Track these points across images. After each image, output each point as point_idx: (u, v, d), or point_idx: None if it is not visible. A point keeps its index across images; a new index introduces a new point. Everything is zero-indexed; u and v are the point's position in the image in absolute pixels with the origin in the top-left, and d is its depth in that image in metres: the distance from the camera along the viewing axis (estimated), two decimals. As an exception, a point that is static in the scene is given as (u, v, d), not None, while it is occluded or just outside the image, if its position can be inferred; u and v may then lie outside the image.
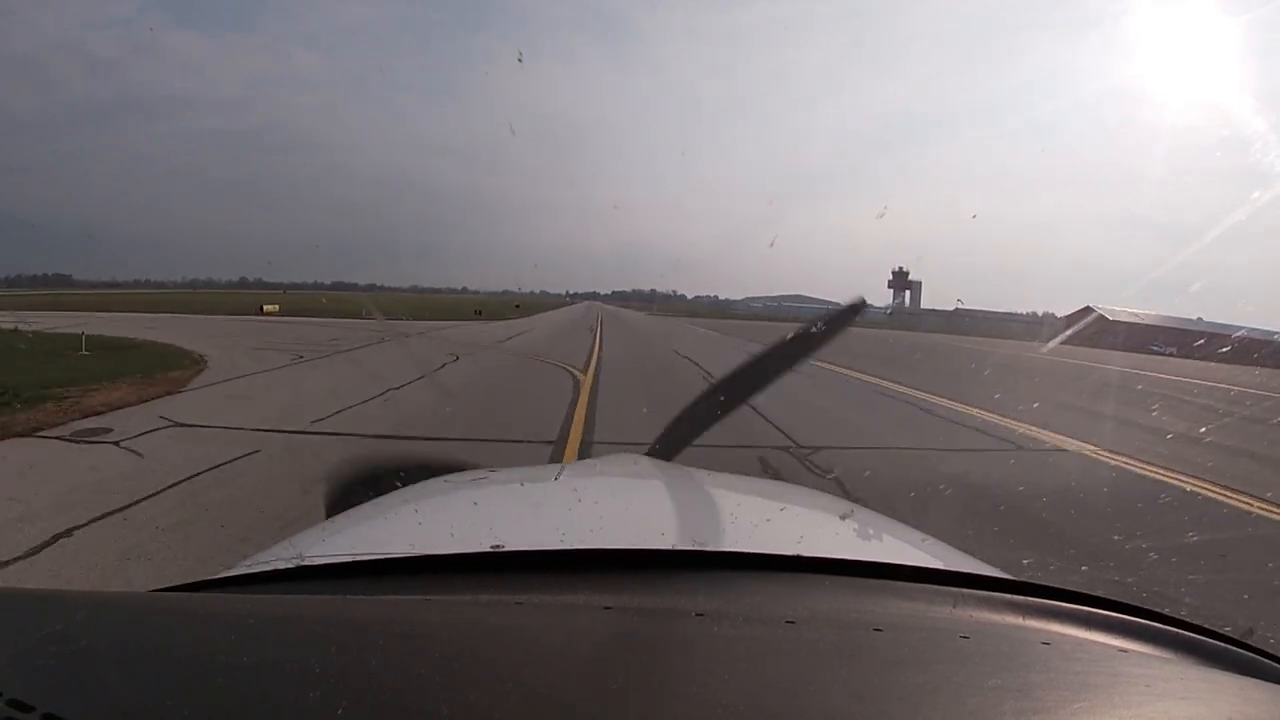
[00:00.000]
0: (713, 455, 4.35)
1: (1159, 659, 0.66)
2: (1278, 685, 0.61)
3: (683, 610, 0.64)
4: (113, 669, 0.49)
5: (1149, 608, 0.73)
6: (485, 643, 0.54)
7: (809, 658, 0.54)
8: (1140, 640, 0.68)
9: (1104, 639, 0.68)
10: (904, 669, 0.53)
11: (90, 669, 0.48)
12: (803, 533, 1.05)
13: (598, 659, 0.54)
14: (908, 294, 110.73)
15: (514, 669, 0.50)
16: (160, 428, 6.02)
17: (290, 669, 0.49)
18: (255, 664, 0.49)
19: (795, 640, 0.57)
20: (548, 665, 0.51)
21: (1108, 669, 0.57)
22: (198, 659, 0.51)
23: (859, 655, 0.55)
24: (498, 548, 0.80)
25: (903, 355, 20.88)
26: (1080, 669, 0.54)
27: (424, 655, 0.51)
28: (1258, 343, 24.71)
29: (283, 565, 0.81)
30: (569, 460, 5.20)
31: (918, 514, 4.12)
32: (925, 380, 12.67)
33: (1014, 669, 0.53)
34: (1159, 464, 6.12)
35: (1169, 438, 7.72)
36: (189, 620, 0.60)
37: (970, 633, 0.61)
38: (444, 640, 0.54)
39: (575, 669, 0.51)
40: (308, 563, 0.82)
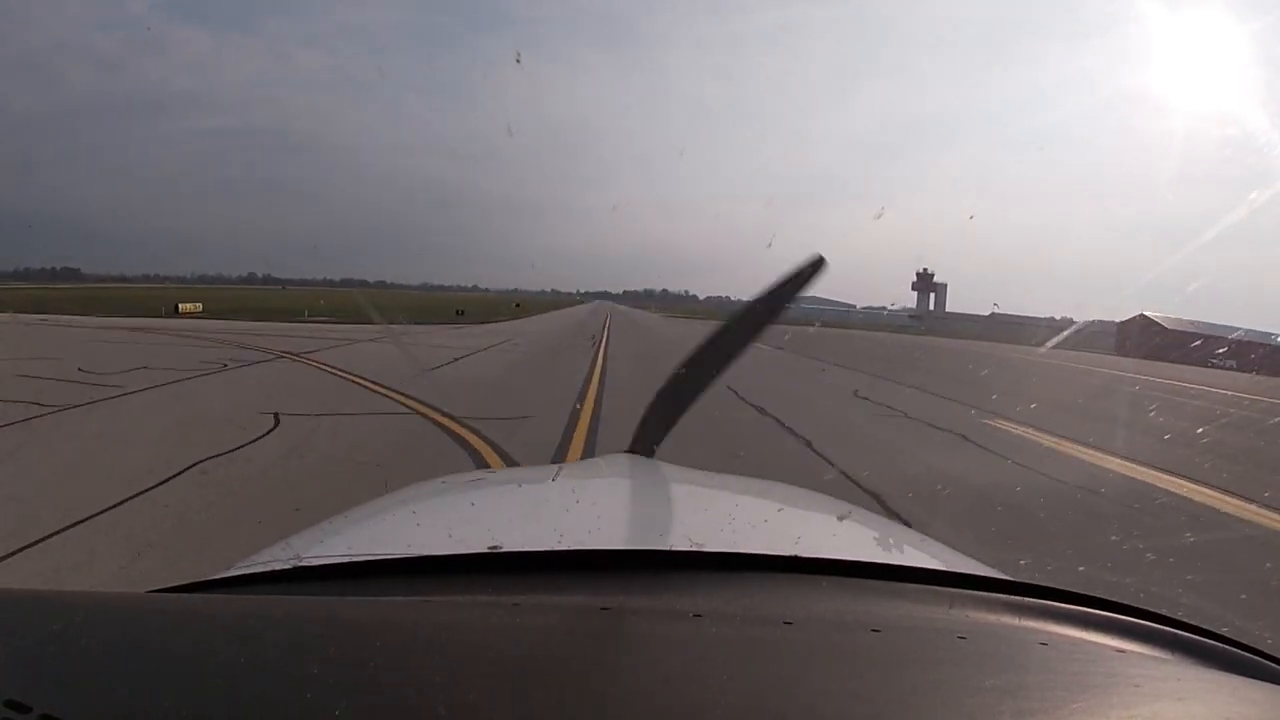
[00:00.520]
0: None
1: (1157, 659, 0.66)
2: (1276, 686, 0.61)
3: (680, 611, 0.64)
4: (110, 669, 0.49)
5: (1146, 608, 0.73)
6: (483, 643, 0.54)
7: (807, 658, 0.54)
8: (1138, 640, 0.69)
9: (1102, 639, 0.68)
10: (902, 669, 0.53)
11: (88, 669, 0.48)
12: (800, 533, 1.05)
13: (595, 660, 0.54)
14: (932, 296, 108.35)
15: (511, 670, 0.50)
16: None
17: (287, 669, 0.49)
18: (252, 664, 0.49)
19: (793, 641, 0.57)
20: (545, 666, 0.51)
21: (1105, 669, 0.57)
22: (195, 659, 0.51)
23: (856, 656, 0.55)
24: (495, 548, 0.80)
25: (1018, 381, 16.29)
26: (1078, 669, 0.54)
27: (421, 656, 0.51)
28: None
29: (280, 566, 0.81)
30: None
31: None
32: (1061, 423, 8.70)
33: (1011, 669, 0.54)
34: None
35: None
36: (186, 620, 0.60)
37: (968, 633, 0.61)
38: (442, 641, 0.54)
39: (573, 670, 0.51)
40: (305, 563, 0.82)
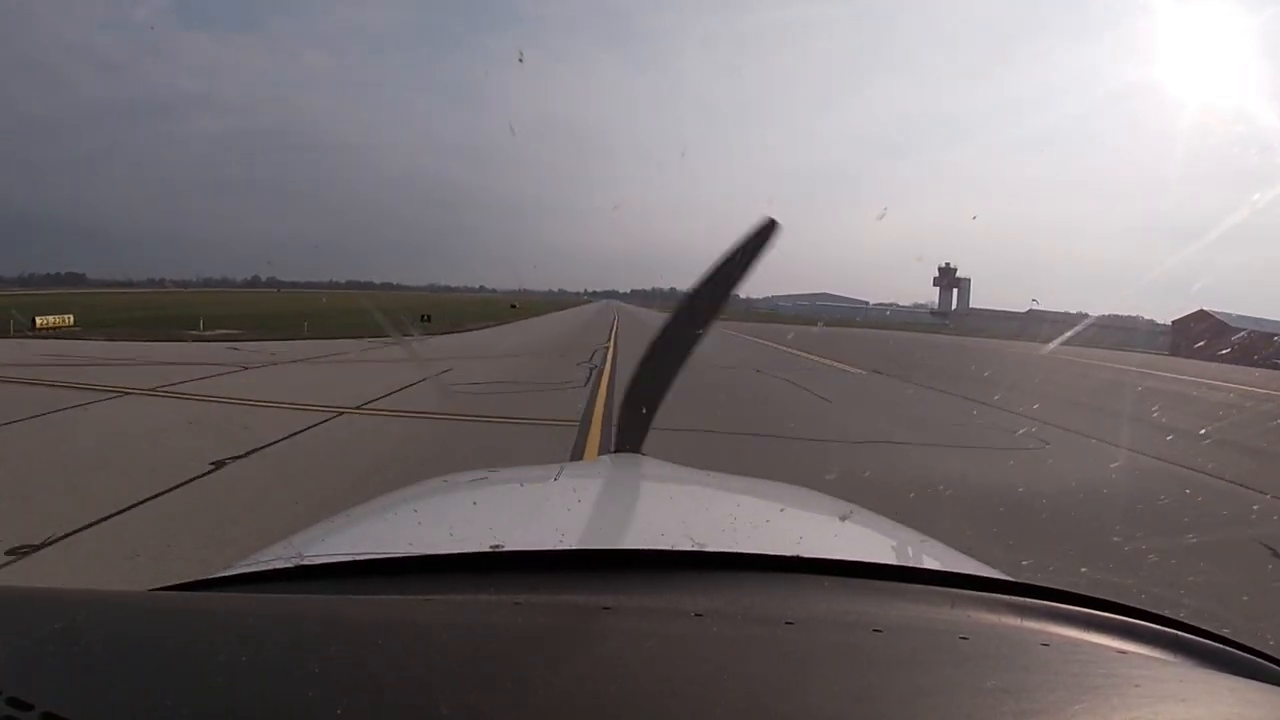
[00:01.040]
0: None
1: (1158, 660, 0.66)
2: (1277, 687, 0.61)
3: (682, 610, 0.64)
4: (112, 668, 0.49)
5: (1148, 609, 0.73)
6: (484, 643, 0.54)
7: (808, 658, 0.54)
8: (1139, 642, 0.68)
9: (1103, 640, 0.68)
10: (903, 670, 0.53)
11: (90, 668, 0.48)
12: (802, 533, 1.05)
13: (597, 659, 0.54)
14: (955, 292, 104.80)
15: (513, 669, 0.50)
16: None
17: (289, 668, 0.49)
18: (254, 663, 0.49)
19: (794, 641, 0.57)
20: (547, 665, 0.51)
21: (1107, 670, 0.57)
22: (197, 658, 0.51)
23: (858, 656, 0.55)
24: (497, 548, 0.80)
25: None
26: (1079, 670, 0.54)
27: (423, 655, 0.51)
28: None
29: (282, 565, 0.81)
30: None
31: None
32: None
33: (1013, 670, 0.54)
34: None
35: None
36: (188, 619, 0.60)
37: (969, 634, 0.61)
38: (443, 640, 0.54)
39: (574, 669, 0.51)
40: (307, 562, 0.82)
